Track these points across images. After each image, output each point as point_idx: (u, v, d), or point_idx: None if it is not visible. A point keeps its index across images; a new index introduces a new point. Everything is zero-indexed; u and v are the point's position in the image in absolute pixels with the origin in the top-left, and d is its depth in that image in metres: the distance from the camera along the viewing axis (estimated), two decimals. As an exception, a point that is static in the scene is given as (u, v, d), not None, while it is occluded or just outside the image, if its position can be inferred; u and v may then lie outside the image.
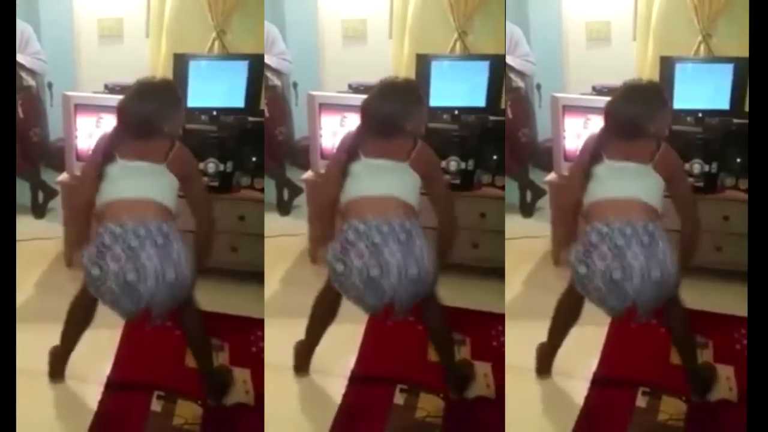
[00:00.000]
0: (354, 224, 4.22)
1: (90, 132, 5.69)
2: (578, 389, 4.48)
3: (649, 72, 5.98)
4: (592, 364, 4.55)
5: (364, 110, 4.43)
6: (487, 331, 4.54)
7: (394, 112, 4.35)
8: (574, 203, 4.33)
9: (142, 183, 4.16)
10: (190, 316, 4.32)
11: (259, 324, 4.56)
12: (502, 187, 5.50)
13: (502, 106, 5.93)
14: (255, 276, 4.89)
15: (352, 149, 4.35)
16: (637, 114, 4.26)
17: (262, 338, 4.64)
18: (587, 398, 4.40)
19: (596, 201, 4.24)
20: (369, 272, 4.18)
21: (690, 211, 4.33)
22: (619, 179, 4.20)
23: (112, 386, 4.43)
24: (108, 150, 4.24)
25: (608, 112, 4.37)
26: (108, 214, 4.14)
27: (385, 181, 4.26)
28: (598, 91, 5.93)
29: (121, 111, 4.33)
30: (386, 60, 6.41)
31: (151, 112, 4.25)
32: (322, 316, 4.64)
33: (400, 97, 4.41)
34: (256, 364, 4.48)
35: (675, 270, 4.17)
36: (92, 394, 4.41)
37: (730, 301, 4.33)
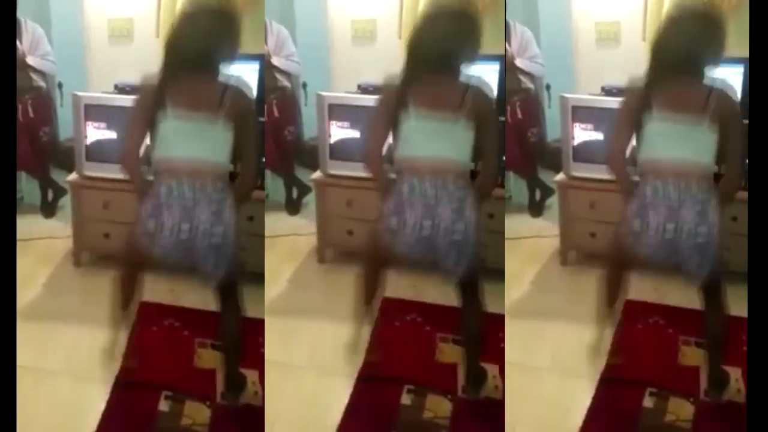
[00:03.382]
0: (409, 180, 4.10)
1: (101, 133, 5.69)
2: (585, 389, 4.47)
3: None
4: (600, 363, 4.58)
5: (409, 44, 4.13)
6: (494, 333, 4.54)
7: (443, 42, 4.06)
8: (621, 152, 4.13)
9: (196, 144, 4.00)
10: (232, 309, 4.25)
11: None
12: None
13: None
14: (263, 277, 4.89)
15: (400, 96, 4.08)
16: (687, 44, 3.97)
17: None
18: (594, 398, 4.42)
19: (650, 161, 4.02)
20: (422, 230, 4.09)
21: (734, 165, 4.03)
22: (672, 140, 3.97)
23: (120, 385, 4.49)
24: (158, 96, 3.99)
25: (655, 45, 4.08)
26: (164, 170, 4.02)
27: (439, 144, 4.06)
28: (608, 91, 5.89)
29: (169, 44, 4.06)
30: (396, 60, 6.37)
31: (202, 41, 4.01)
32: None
33: (451, 24, 4.09)
34: (264, 364, 4.50)
35: (718, 241, 4.00)
36: (100, 393, 4.43)
37: (739, 302, 4.30)
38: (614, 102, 5.64)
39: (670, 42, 4.00)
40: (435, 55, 4.05)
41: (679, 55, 3.96)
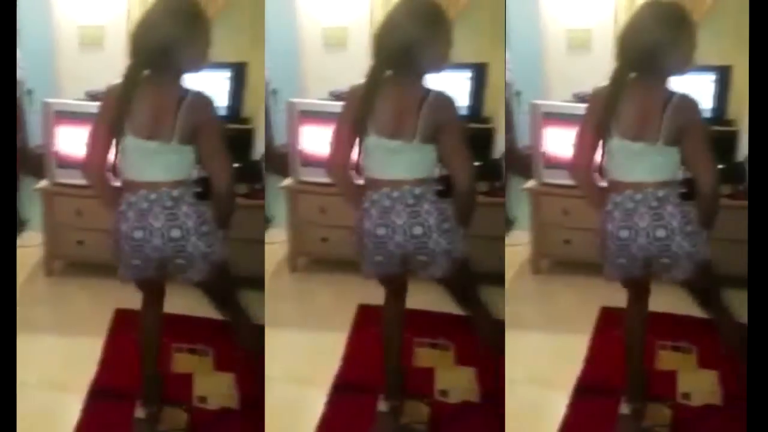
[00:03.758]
0: (369, 195, 4.04)
1: (70, 140, 5.64)
2: (560, 399, 4.47)
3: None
4: (575, 372, 4.59)
5: (374, 42, 4.02)
6: (472, 336, 4.52)
7: (407, 38, 3.92)
8: (585, 164, 4.02)
9: (152, 165, 3.90)
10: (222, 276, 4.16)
11: None
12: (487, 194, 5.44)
13: (485, 114, 5.95)
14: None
15: (366, 101, 3.95)
16: (653, 42, 3.86)
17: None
18: (569, 407, 4.42)
19: (614, 181, 3.99)
20: (376, 231, 4.02)
21: (704, 169, 3.94)
22: (634, 161, 3.91)
23: (95, 394, 4.47)
24: (123, 102, 3.86)
25: (620, 42, 3.94)
26: (125, 188, 3.96)
27: (399, 164, 3.98)
28: (580, 98, 5.89)
29: (133, 44, 3.92)
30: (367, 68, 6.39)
31: (166, 42, 3.85)
32: None
33: (418, 19, 3.95)
34: (241, 368, 4.49)
35: (685, 232, 3.96)
36: (75, 403, 4.39)
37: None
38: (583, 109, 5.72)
39: (637, 40, 3.90)
40: (399, 54, 3.92)
41: (644, 53, 3.86)
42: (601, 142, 3.96)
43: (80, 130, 5.59)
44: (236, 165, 4.20)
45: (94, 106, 5.45)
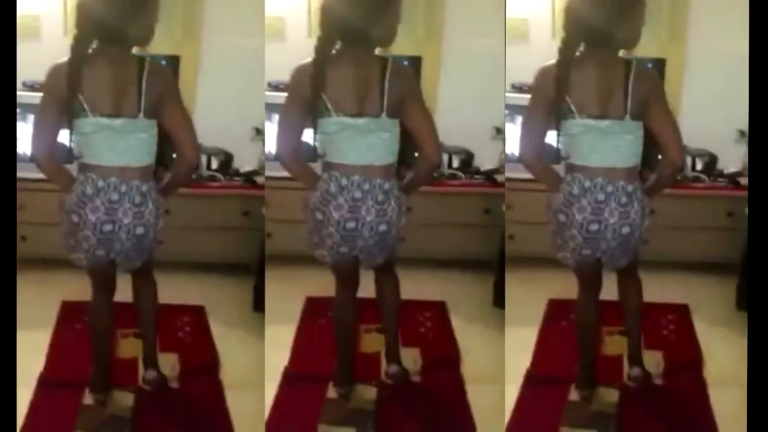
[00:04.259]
0: (336, 176, 3.96)
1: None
2: (510, 390, 4.51)
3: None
4: (525, 365, 4.67)
5: (322, 14, 3.92)
6: (414, 318, 4.65)
7: (355, 12, 3.86)
8: (534, 148, 3.99)
9: (120, 147, 3.84)
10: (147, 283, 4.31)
11: (185, 310, 4.80)
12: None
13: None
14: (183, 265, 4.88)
15: (315, 78, 3.87)
16: (604, 13, 3.82)
17: (188, 324, 4.90)
18: (519, 399, 4.48)
19: (580, 164, 3.95)
20: (345, 225, 4.00)
21: (672, 137, 3.90)
22: (602, 141, 3.87)
23: (43, 385, 4.48)
24: (72, 82, 3.78)
25: (568, 13, 3.90)
26: (88, 168, 3.89)
27: (370, 147, 3.93)
28: (518, 88, 5.95)
29: (80, 12, 3.85)
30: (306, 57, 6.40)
31: (113, 9, 3.79)
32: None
33: None
34: (182, 348, 4.65)
35: (641, 228, 4.03)
36: (24, 395, 4.36)
37: (655, 290, 4.40)
38: (524, 99, 5.76)
39: (586, 11, 3.83)
40: (350, 27, 3.86)
41: (594, 24, 3.81)
42: (554, 124, 3.94)
43: (19, 120, 5.57)
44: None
45: (32, 97, 5.49)
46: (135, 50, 3.93)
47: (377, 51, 3.98)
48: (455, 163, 6.09)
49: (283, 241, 5.62)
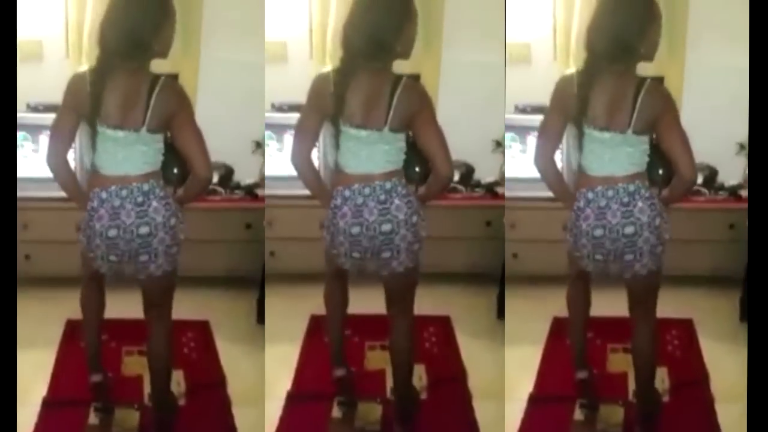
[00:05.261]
0: (339, 189, 4.04)
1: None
2: (516, 410, 4.50)
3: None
4: (530, 383, 4.67)
5: (344, 31, 4.00)
6: (419, 334, 4.60)
7: (380, 26, 3.94)
8: (547, 153, 4.06)
9: (120, 158, 3.89)
10: (160, 324, 4.18)
11: (190, 325, 4.77)
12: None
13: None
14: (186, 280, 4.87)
15: (338, 88, 3.96)
16: (624, 28, 3.89)
17: (193, 339, 4.87)
18: (524, 416, 4.47)
19: (585, 174, 4.01)
20: (351, 230, 4.04)
21: (683, 153, 3.94)
22: (603, 151, 3.93)
23: (49, 405, 4.47)
24: (94, 91, 3.85)
25: (590, 32, 3.95)
26: (95, 182, 3.94)
27: (369, 158, 4.00)
28: (521, 110, 6.08)
29: (105, 27, 3.90)
30: (308, 79, 6.46)
31: (137, 22, 3.86)
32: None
33: (387, 7, 3.98)
34: (188, 364, 4.63)
35: (654, 226, 3.99)
36: (30, 415, 4.38)
37: (658, 305, 4.39)
38: (528, 120, 5.83)
39: (608, 28, 3.90)
40: (371, 44, 3.93)
41: (616, 41, 3.88)
42: (570, 133, 4.01)
43: (24, 141, 5.62)
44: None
45: (37, 118, 5.70)
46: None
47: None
48: (456, 177, 6.07)
49: (287, 259, 5.64)
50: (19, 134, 5.77)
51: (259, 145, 6.04)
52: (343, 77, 3.97)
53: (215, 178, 5.95)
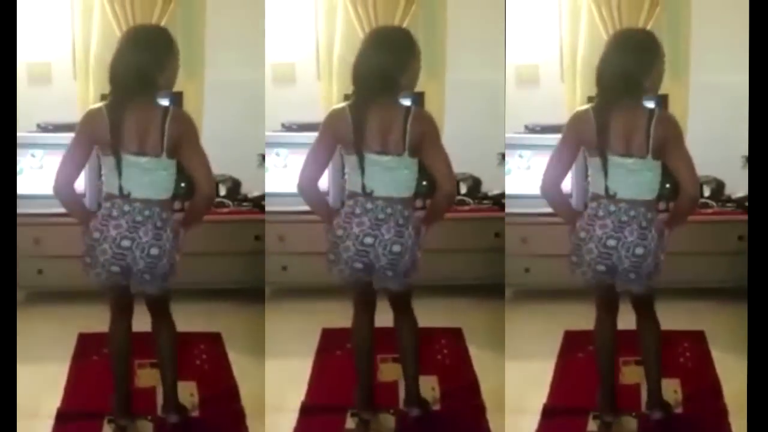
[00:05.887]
0: (361, 201, 4.25)
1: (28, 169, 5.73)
2: (529, 424, 4.51)
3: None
4: (543, 397, 4.67)
5: (355, 70, 4.29)
6: (431, 346, 4.70)
7: (387, 64, 4.23)
8: (554, 180, 4.27)
9: (145, 182, 4.11)
10: (165, 325, 4.34)
11: (201, 337, 4.82)
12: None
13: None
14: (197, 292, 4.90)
15: (356, 122, 4.21)
16: (631, 67, 4.14)
17: (205, 351, 4.92)
18: (538, 430, 4.48)
19: (610, 196, 4.17)
20: (364, 240, 4.22)
21: (689, 174, 4.17)
22: (630, 176, 4.14)
23: (62, 419, 4.47)
24: (113, 125, 4.08)
25: (600, 69, 4.20)
26: (115, 197, 4.13)
27: (394, 180, 4.23)
28: (530, 129, 6.18)
29: (113, 67, 4.15)
30: (316, 99, 6.61)
31: (144, 62, 4.13)
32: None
33: (393, 47, 4.28)
34: (200, 376, 4.68)
35: (656, 254, 4.18)
36: (45, 429, 4.39)
37: (669, 317, 4.41)
38: (538, 138, 5.90)
39: (617, 67, 4.15)
40: (380, 80, 4.21)
41: (624, 78, 4.12)
42: (590, 162, 4.22)
43: (35, 159, 5.66)
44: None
45: (47, 137, 5.82)
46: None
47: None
48: (463, 190, 6.22)
49: (298, 274, 5.66)
50: (29, 152, 5.83)
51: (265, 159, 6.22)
52: (358, 109, 4.24)
53: (223, 191, 6.11)
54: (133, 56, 4.13)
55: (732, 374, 4.82)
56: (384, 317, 4.44)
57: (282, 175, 5.91)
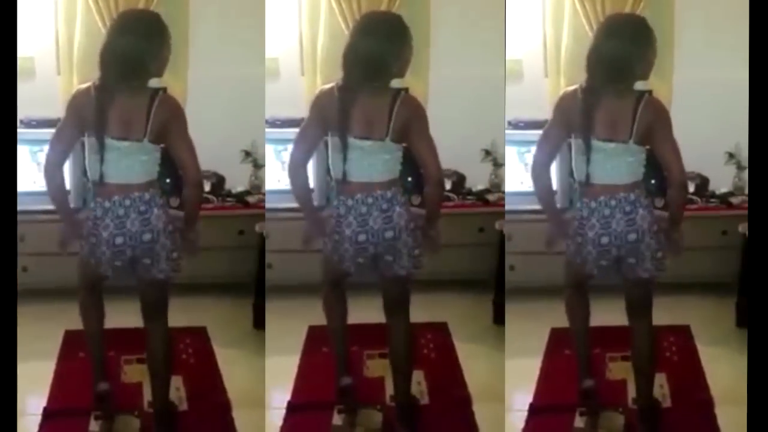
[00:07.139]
0: (342, 199, 4.25)
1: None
2: (516, 420, 4.55)
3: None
4: (529, 394, 4.71)
5: (345, 55, 4.23)
6: (417, 341, 4.66)
7: (379, 50, 4.19)
8: (543, 163, 4.26)
9: (122, 167, 4.09)
10: (159, 332, 4.32)
11: (187, 332, 4.85)
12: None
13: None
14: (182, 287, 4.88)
15: (342, 104, 4.19)
16: (623, 52, 4.11)
17: (190, 345, 4.91)
18: (525, 426, 4.53)
19: (588, 183, 4.18)
20: (357, 238, 4.23)
21: (675, 159, 4.14)
22: (608, 161, 4.12)
23: (48, 416, 4.49)
24: (98, 110, 4.06)
25: (591, 55, 4.15)
26: (100, 191, 4.14)
27: (371, 166, 4.21)
28: (513, 125, 6.17)
29: (104, 52, 4.11)
30: (300, 94, 6.60)
31: (136, 47, 4.09)
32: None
33: (386, 33, 4.24)
34: (186, 370, 4.68)
35: (653, 231, 4.17)
36: (32, 426, 4.43)
37: (655, 312, 4.42)
38: (521, 134, 5.91)
39: (607, 52, 4.11)
40: (371, 66, 4.18)
41: (615, 63, 4.09)
42: (574, 145, 4.20)
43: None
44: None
45: (27, 133, 5.82)
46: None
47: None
48: (448, 185, 6.20)
49: (284, 272, 5.68)
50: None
51: (248, 154, 6.33)
52: (346, 93, 4.21)
53: (207, 187, 6.09)
54: (124, 42, 4.09)
55: (717, 367, 4.87)
56: (374, 313, 4.45)
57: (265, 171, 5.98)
